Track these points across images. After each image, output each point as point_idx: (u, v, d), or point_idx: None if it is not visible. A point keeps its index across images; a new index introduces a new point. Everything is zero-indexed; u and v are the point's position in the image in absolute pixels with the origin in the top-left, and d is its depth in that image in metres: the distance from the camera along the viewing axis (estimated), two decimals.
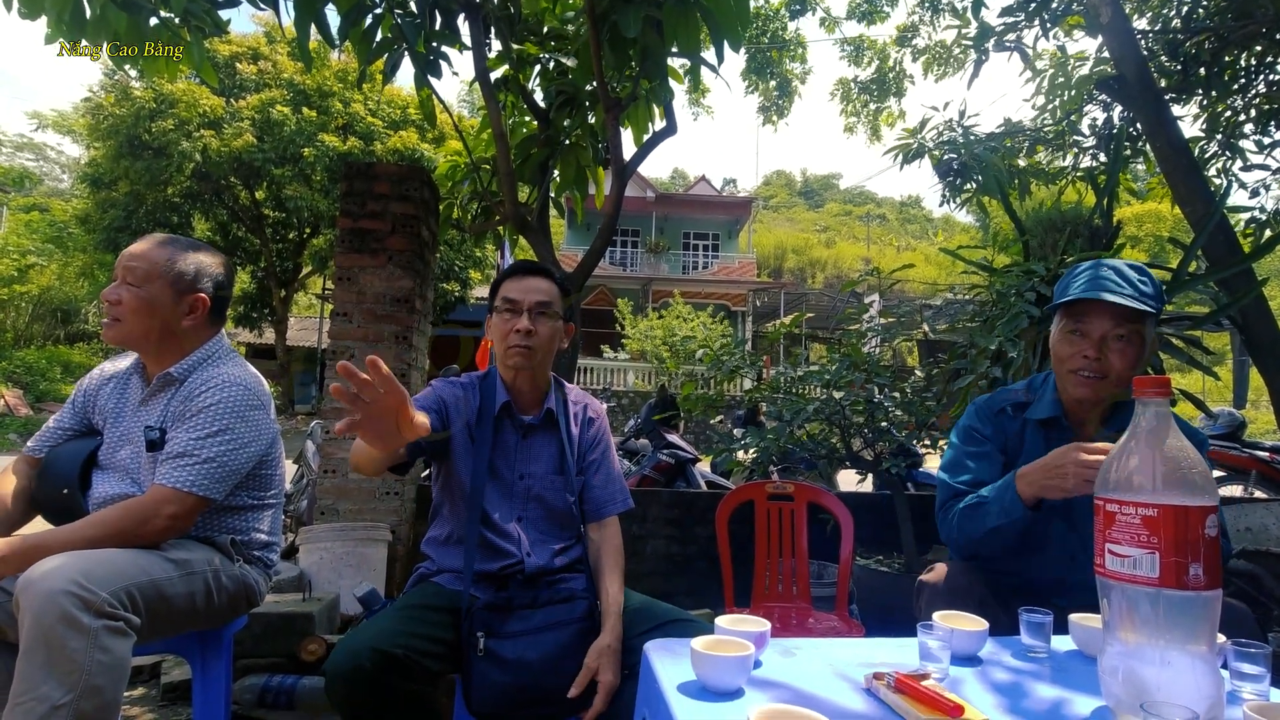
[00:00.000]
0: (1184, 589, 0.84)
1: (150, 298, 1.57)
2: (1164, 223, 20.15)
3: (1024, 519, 1.36)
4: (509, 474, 1.62)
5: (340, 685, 1.24)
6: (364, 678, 1.23)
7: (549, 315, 1.63)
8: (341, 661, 1.24)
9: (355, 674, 1.23)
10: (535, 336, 1.60)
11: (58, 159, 33.52)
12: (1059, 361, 1.49)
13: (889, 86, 6.47)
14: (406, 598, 1.52)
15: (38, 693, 1.18)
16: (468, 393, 1.66)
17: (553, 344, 1.65)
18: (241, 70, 15.36)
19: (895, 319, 3.18)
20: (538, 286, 1.63)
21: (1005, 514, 1.37)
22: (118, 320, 1.57)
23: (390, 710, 1.27)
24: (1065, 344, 1.48)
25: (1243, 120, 4.16)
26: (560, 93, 3.29)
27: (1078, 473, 1.24)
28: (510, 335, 1.60)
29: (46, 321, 20.89)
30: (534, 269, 1.68)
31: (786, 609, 2.31)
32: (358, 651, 1.24)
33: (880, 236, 52.68)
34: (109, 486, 1.56)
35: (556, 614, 1.48)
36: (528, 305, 1.61)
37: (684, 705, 0.88)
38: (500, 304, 1.64)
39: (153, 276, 1.58)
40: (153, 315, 1.58)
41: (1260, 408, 15.61)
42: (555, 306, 1.64)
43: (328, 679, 1.26)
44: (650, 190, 24.87)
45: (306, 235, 17.28)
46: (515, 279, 1.65)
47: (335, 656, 1.26)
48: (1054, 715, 0.90)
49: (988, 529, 1.40)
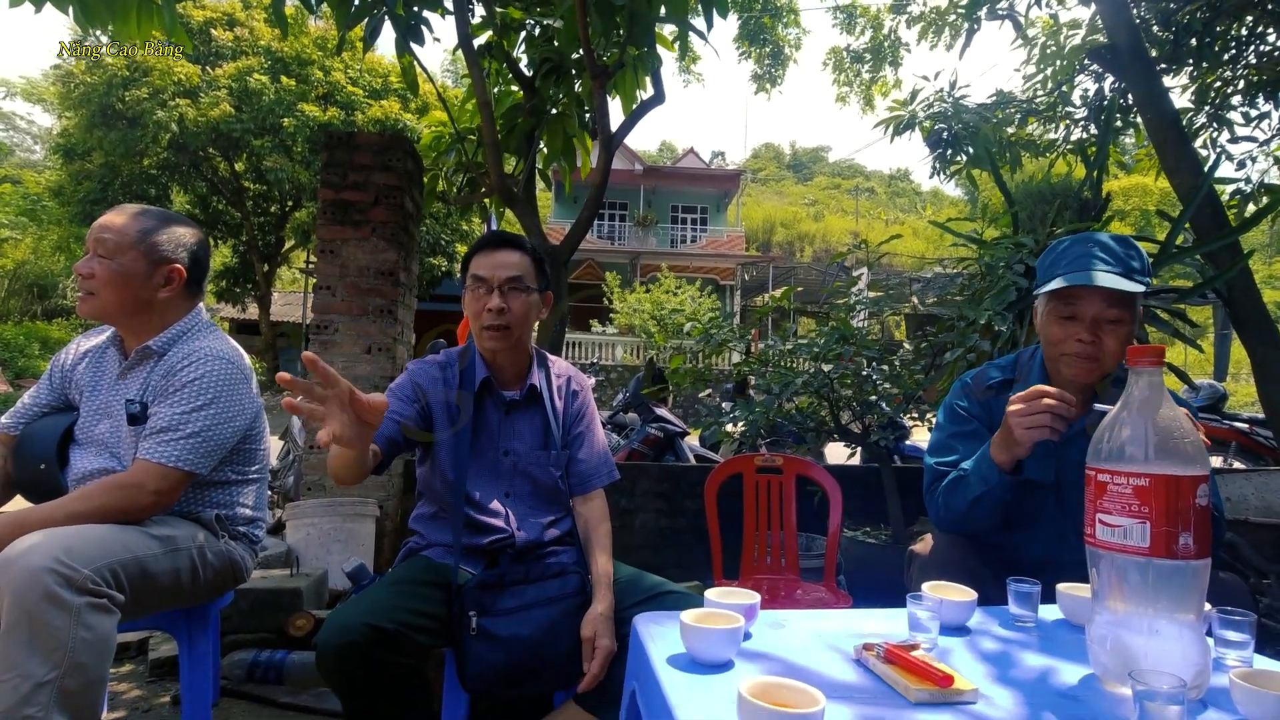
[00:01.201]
0: (1174, 558, 0.84)
1: (123, 269, 1.53)
2: (1150, 196, 20.20)
3: (1001, 485, 1.36)
4: (493, 451, 1.60)
5: (332, 659, 1.23)
6: (356, 652, 1.22)
7: (521, 289, 1.56)
8: (333, 636, 1.23)
9: (347, 648, 1.22)
10: (508, 314, 1.54)
11: (28, 129, 32.62)
12: (1050, 344, 1.46)
13: (883, 55, 6.37)
14: (397, 572, 1.50)
15: (21, 670, 1.16)
16: (446, 371, 1.61)
17: (528, 318, 1.60)
18: (217, 37, 14.93)
19: (884, 292, 3.17)
20: (507, 261, 1.57)
21: (984, 481, 1.38)
22: (91, 294, 1.53)
23: (381, 684, 1.26)
24: (1056, 327, 1.44)
25: (1232, 92, 4.15)
26: (546, 60, 3.21)
27: (1016, 422, 1.28)
28: (483, 314, 1.55)
29: (23, 297, 20.49)
30: (503, 241, 1.61)
31: (775, 580, 2.33)
32: (349, 626, 1.23)
33: (869, 210, 52.58)
34: (88, 461, 1.53)
35: (549, 589, 1.47)
36: (498, 282, 1.55)
37: (673, 678, 0.88)
38: (470, 281, 1.58)
39: (124, 248, 1.53)
40: (126, 287, 1.54)
41: (1240, 380, 15.87)
42: (528, 279, 1.58)
43: (319, 653, 1.25)
44: (638, 163, 24.62)
45: (289, 208, 16.99)
46: (484, 254, 1.59)
47: (327, 631, 1.25)
48: (1042, 684, 0.90)
49: (970, 500, 1.41)
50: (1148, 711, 0.74)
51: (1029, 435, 1.28)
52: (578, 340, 16.90)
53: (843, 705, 0.81)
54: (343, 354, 2.92)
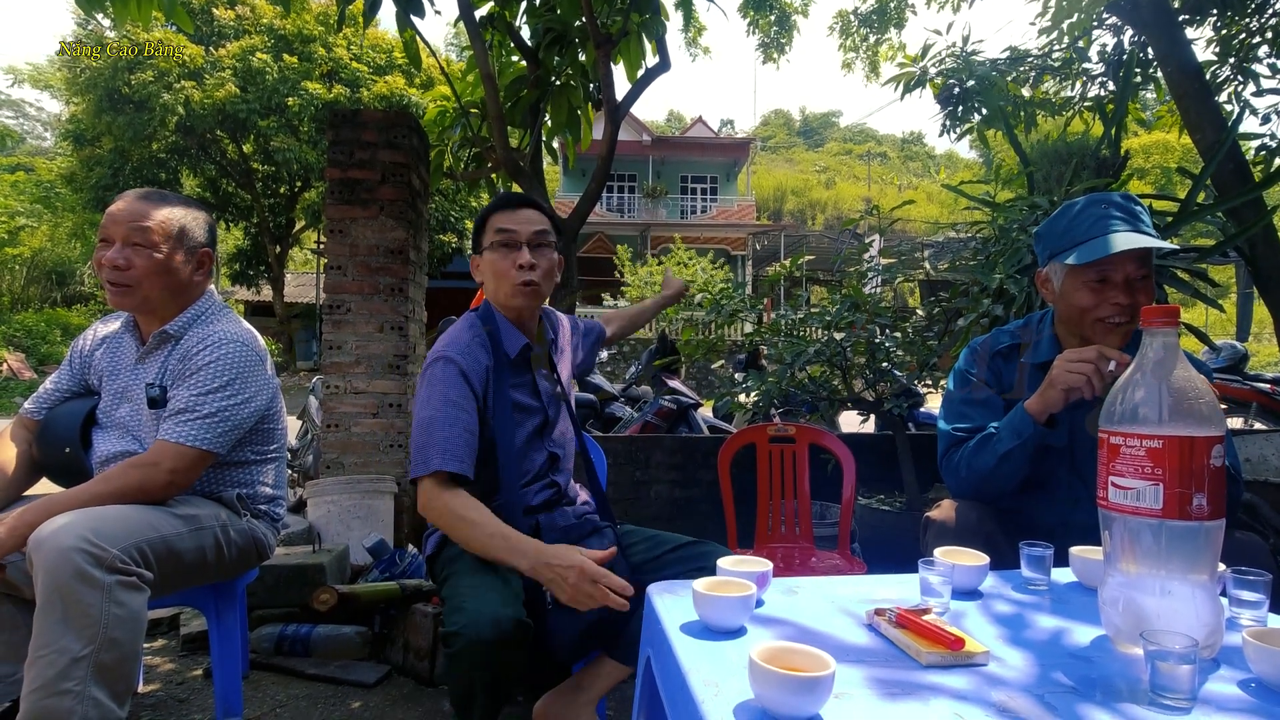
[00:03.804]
0: (1187, 519, 0.84)
1: (166, 259, 1.55)
2: (1172, 153, 19.70)
3: (1035, 436, 1.37)
4: (539, 412, 1.54)
5: (482, 653, 1.15)
6: (505, 647, 1.16)
7: (547, 245, 1.51)
8: (481, 631, 1.15)
9: (498, 645, 1.15)
10: (538, 270, 1.48)
11: (38, 115, 32.75)
12: (1082, 312, 1.42)
13: (889, 17, 6.20)
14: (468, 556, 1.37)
15: (57, 645, 1.20)
16: (474, 346, 1.48)
17: (554, 276, 1.55)
18: (219, 16, 14.81)
19: (896, 259, 3.13)
20: (531, 217, 1.51)
21: (1016, 434, 1.38)
22: (129, 285, 1.52)
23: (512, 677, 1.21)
24: (1086, 294, 1.40)
25: (1257, 43, 4.00)
26: (549, 30, 3.16)
27: (1059, 365, 1.34)
28: (512, 271, 1.46)
29: (42, 284, 20.76)
30: (524, 200, 1.55)
31: (790, 549, 2.35)
32: (497, 619, 1.16)
33: (881, 175, 51.71)
34: (111, 444, 1.56)
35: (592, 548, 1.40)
36: (526, 237, 1.48)
37: (687, 645, 0.89)
38: (496, 238, 1.49)
39: (167, 238, 1.55)
40: (169, 275, 1.56)
41: (1263, 340, 15.59)
42: (552, 236, 1.54)
43: (460, 651, 1.16)
44: (646, 134, 24.30)
45: (298, 189, 16.98)
46: (506, 211, 1.51)
47: (470, 626, 1.16)
48: (1053, 645, 0.91)
49: (999, 455, 1.40)
50: (1159, 671, 0.74)
51: (1065, 379, 1.32)
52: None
53: (854, 668, 0.82)
54: (356, 333, 2.95)
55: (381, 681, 2.02)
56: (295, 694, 1.94)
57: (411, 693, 1.97)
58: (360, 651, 2.13)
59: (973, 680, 0.80)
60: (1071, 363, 1.32)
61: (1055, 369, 1.35)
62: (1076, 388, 1.31)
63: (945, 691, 0.77)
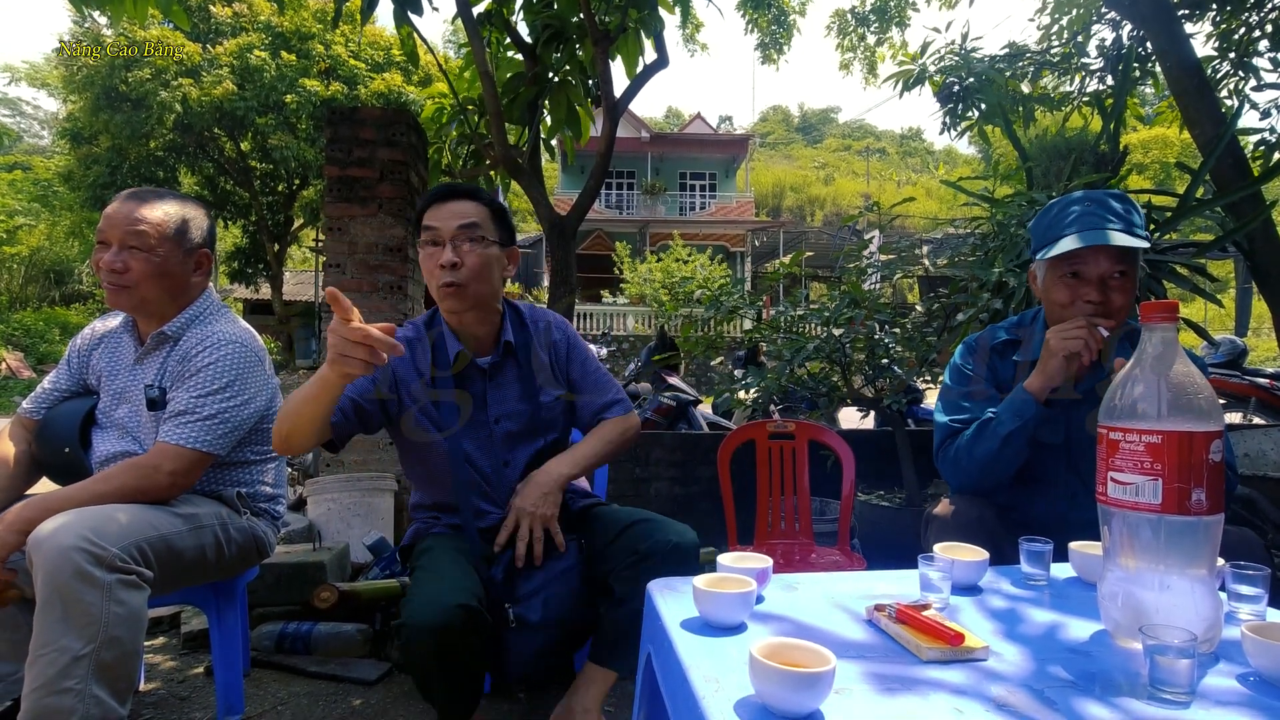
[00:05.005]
0: (1186, 514, 0.84)
1: (164, 261, 1.54)
2: (1171, 148, 19.68)
3: (1036, 416, 1.39)
4: (485, 425, 1.50)
5: (428, 641, 1.15)
6: (452, 633, 1.16)
7: (477, 240, 1.40)
8: (427, 618, 1.15)
9: (443, 631, 1.15)
10: (462, 269, 1.38)
11: (35, 114, 32.66)
12: (1058, 307, 1.45)
13: (890, 15, 6.17)
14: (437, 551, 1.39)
15: (58, 644, 1.20)
16: (415, 346, 1.45)
17: (487, 274, 1.42)
18: (216, 13, 14.77)
19: (895, 254, 3.13)
20: (460, 210, 1.40)
21: (1018, 415, 1.39)
22: (126, 288, 1.52)
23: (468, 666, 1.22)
24: (1063, 289, 1.43)
25: (1257, 37, 4.00)
26: (547, 26, 3.15)
27: (1054, 334, 1.37)
28: (436, 272, 1.39)
29: (40, 283, 20.72)
30: (456, 191, 1.45)
31: (789, 545, 2.35)
32: (444, 606, 1.16)
33: (880, 171, 51.67)
34: (110, 444, 1.56)
35: (557, 566, 1.43)
36: (449, 233, 1.38)
37: (687, 641, 0.89)
38: (423, 235, 1.42)
39: (164, 240, 1.54)
40: (167, 278, 1.56)
41: (1262, 335, 15.59)
42: (484, 229, 1.41)
43: (409, 637, 1.16)
44: (645, 130, 24.26)
45: (296, 187, 16.95)
46: (435, 206, 1.42)
47: (417, 613, 1.16)
48: (1053, 640, 0.91)
49: (1001, 438, 1.41)
50: (1158, 665, 0.74)
51: (1063, 345, 1.34)
52: (588, 312, 16.89)
53: (854, 664, 0.82)
54: None
55: (382, 679, 2.02)
56: (296, 691, 1.95)
57: (412, 690, 1.97)
58: (361, 649, 2.13)
59: (972, 675, 0.80)
60: (1065, 329, 1.36)
61: (1050, 339, 1.37)
62: (1076, 351, 1.34)
63: (945, 686, 0.77)
